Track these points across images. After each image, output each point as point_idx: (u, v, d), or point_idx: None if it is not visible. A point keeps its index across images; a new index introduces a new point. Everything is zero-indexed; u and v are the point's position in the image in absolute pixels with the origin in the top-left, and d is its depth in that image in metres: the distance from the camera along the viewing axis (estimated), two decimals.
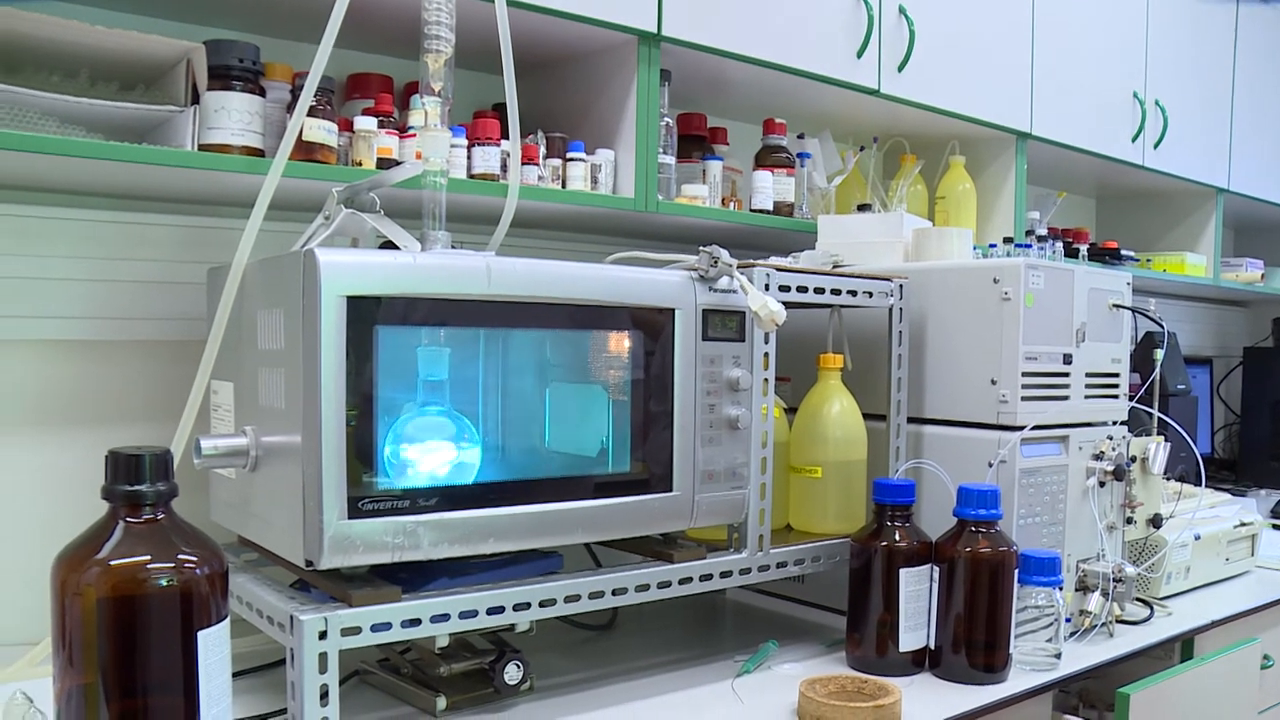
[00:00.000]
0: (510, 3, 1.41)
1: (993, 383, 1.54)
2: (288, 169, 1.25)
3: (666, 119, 1.72)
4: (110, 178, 1.33)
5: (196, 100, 1.31)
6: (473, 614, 1.18)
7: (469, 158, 1.51)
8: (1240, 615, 1.82)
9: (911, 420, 1.63)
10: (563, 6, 1.49)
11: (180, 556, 0.90)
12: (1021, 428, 1.52)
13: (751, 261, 1.43)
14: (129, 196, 1.48)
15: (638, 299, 1.29)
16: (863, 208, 2.00)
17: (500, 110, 1.59)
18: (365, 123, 1.42)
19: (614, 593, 1.29)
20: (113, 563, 0.88)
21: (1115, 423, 1.70)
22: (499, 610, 1.20)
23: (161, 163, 1.24)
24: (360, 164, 1.41)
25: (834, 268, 1.64)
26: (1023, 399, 1.53)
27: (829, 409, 1.57)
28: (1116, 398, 1.70)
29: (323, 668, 1.08)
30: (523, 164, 1.55)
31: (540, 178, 1.58)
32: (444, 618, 1.16)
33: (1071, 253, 2.47)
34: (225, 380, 1.30)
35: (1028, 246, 1.96)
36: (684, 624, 1.71)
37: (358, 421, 1.08)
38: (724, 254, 1.34)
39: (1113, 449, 1.66)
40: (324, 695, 1.08)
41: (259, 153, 1.33)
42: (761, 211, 1.89)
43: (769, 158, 1.93)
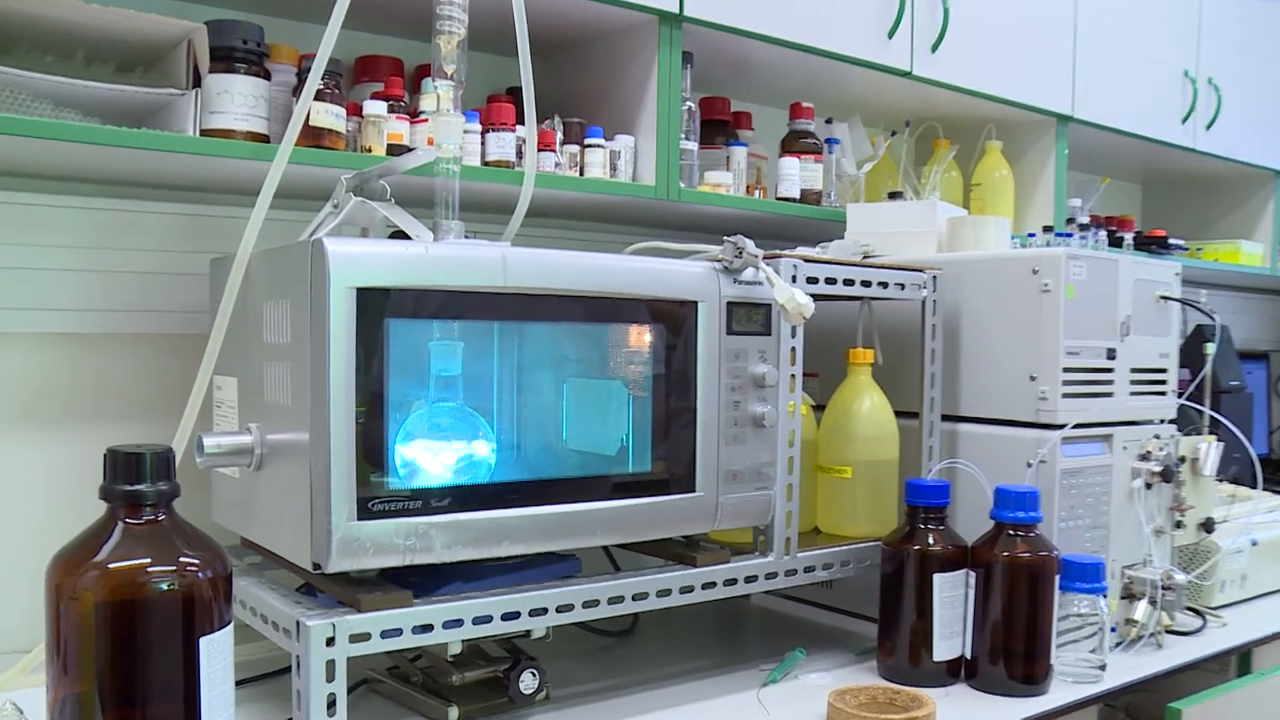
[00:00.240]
0: None
1: (1031, 379, 1.53)
2: (294, 155, 1.25)
3: (689, 103, 1.71)
4: (108, 164, 1.33)
5: (198, 83, 1.31)
6: (487, 619, 1.18)
7: (483, 144, 1.51)
8: None
9: (945, 418, 1.62)
10: None
11: (182, 559, 0.91)
12: (1062, 426, 1.51)
13: (778, 252, 1.43)
14: (128, 183, 1.48)
15: (659, 291, 1.28)
16: (894, 195, 1.98)
17: (515, 94, 1.59)
18: (375, 107, 1.42)
19: (634, 598, 1.29)
20: (111, 565, 0.88)
21: (1163, 421, 1.69)
22: (514, 616, 1.20)
23: (162, 148, 1.24)
24: (370, 150, 1.41)
25: (864, 258, 1.63)
26: (1063, 396, 1.52)
27: (859, 406, 1.56)
28: (1164, 394, 1.69)
29: (330, 676, 1.08)
30: (539, 150, 1.55)
31: (557, 165, 1.58)
32: (457, 623, 1.16)
33: (1115, 242, 2.45)
34: (229, 375, 1.30)
35: (1069, 236, 1.94)
36: (707, 631, 1.71)
37: (367, 418, 1.08)
38: (749, 244, 1.33)
39: (1160, 449, 1.65)
40: (331, 705, 1.08)
41: (264, 138, 1.33)
42: (788, 200, 1.88)
43: (796, 143, 1.92)
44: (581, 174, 1.62)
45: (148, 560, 0.89)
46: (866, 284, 1.51)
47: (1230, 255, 2.79)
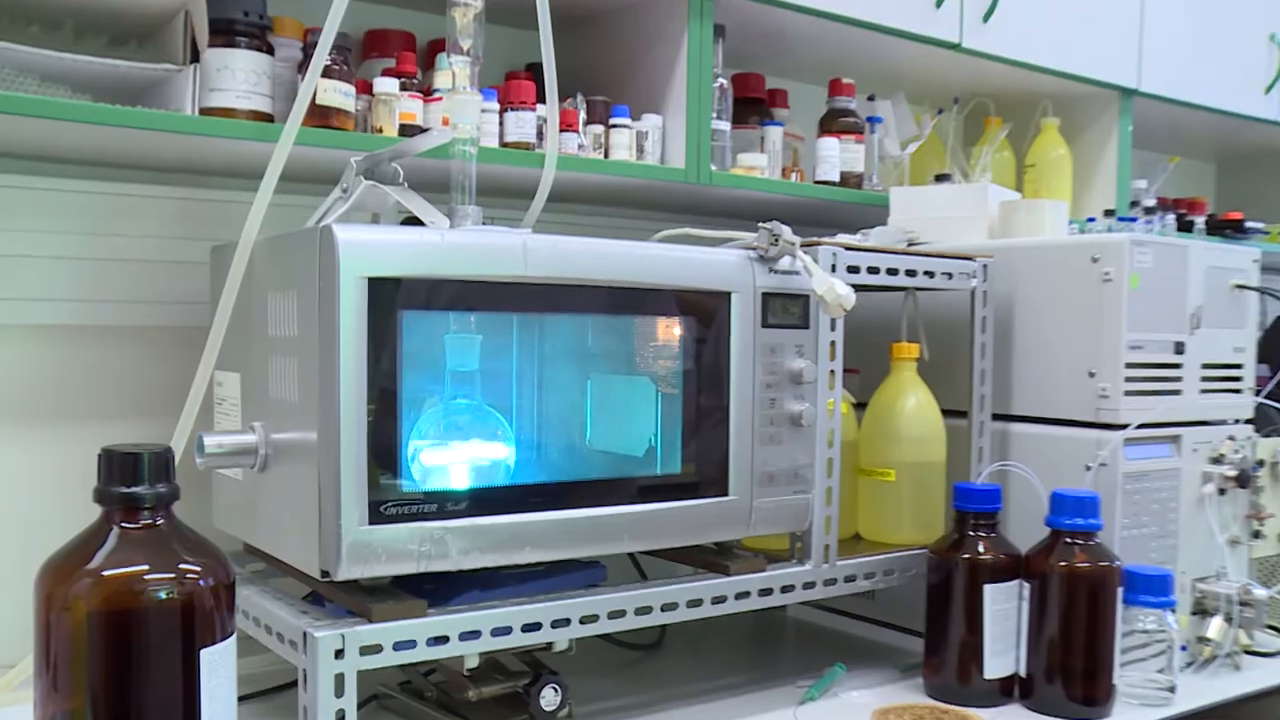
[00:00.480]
0: None
1: (1091, 375, 1.52)
2: (300, 136, 1.25)
3: (720, 80, 1.71)
4: (100, 144, 1.34)
5: (196, 58, 1.31)
6: (506, 631, 1.18)
7: (501, 124, 1.51)
8: None
9: (997, 417, 1.61)
10: None
11: (181, 566, 0.91)
12: (1125, 426, 1.50)
13: (816, 239, 1.42)
14: (122, 165, 1.48)
15: (689, 281, 1.28)
16: (941, 178, 1.97)
17: (536, 71, 1.59)
18: (386, 85, 1.42)
19: (663, 608, 1.29)
20: (106, 573, 0.88)
21: (1238, 421, 1.67)
22: (535, 627, 1.20)
23: (158, 128, 1.25)
24: (381, 131, 1.41)
25: (909, 246, 1.63)
26: (1126, 393, 1.50)
27: (903, 404, 1.55)
28: (1240, 392, 1.67)
29: (339, 690, 1.08)
30: (561, 131, 1.54)
31: (580, 146, 1.58)
32: (474, 635, 1.16)
33: (1185, 226, 2.42)
34: (231, 371, 1.30)
35: (1133, 220, 1.93)
36: (740, 644, 1.70)
37: (379, 417, 1.08)
38: (785, 231, 1.33)
39: (1235, 451, 1.63)
40: None
41: (267, 118, 1.34)
42: (827, 183, 1.87)
43: (835, 123, 1.92)
44: (606, 156, 1.61)
45: (145, 567, 0.89)
46: (911, 273, 1.50)
47: None
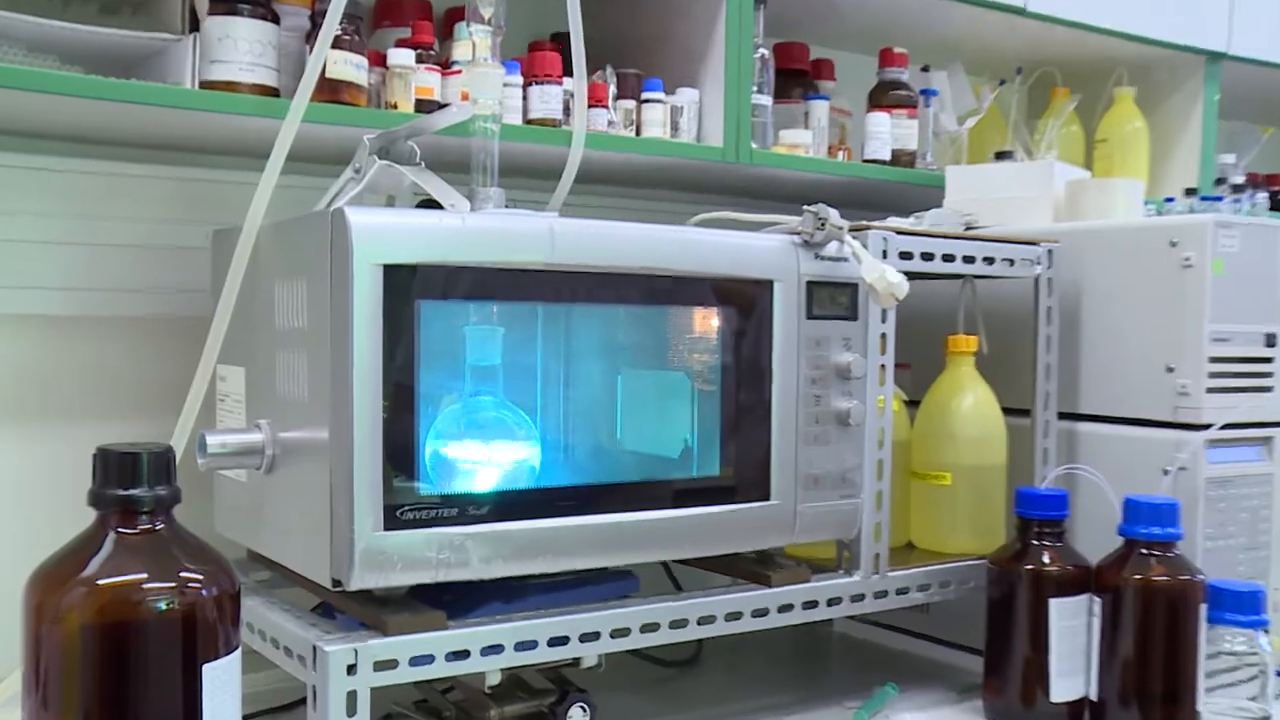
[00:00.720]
0: None
1: (1169, 370, 1.51)
2: (309, 112, 1.25)
3: (762, 50, 1.70)
4: (92, 120, 1.34)
5: (196, 27, 1.31)
6: (531, 645, 1.18)
7: (525, 99, 1.51)
8: None
9: (1063, 416, 1.60)
10: None
11: (183, 574, 0.91)
12: (1207, 426, 1.48)
13: (866, 223, 1.42)
14: (115, 143, 1.49)
15: (728, 268, 1.28)
16: (1002, 155, 1.96)
17: (562, 41, 1.58)
18: (401, 56, 1.42)
19: (699, 621, 1.28)
20: (101, 582, 0.88)
21: None
22: (562, 641, 1.20)
23: (154, 102, 1.25)
24: (395, 106, 1.41)
25: (966, 229, 1.62)
26: (1209, 390, 1.49)
27: (960, 402, 1.55)
28: None
29: (351, 709, 1.09)
30: (589, 107, 1.54)
31: (610, 123, 1.58)
32: (497, 649, 1.16)
33: (1278, 205, 2.39)
34: (235, 365, 1.31)
35: (1218, 200, 1.91)
36: (782, 661, 1.70)
37: (395, 414, 1.08)
38: (832, 214, 1.33)
39: None
40: None
41: (273, 92, 1.34)
42: (877, 162, 1.87)
43: (886, 96, 1.91)
44: (638, 133, 1.61)
45: (143, 576, 0.89)
46: (969, 259, 1.49)
47: None
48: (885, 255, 1.40)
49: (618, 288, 1.22)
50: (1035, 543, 1.41)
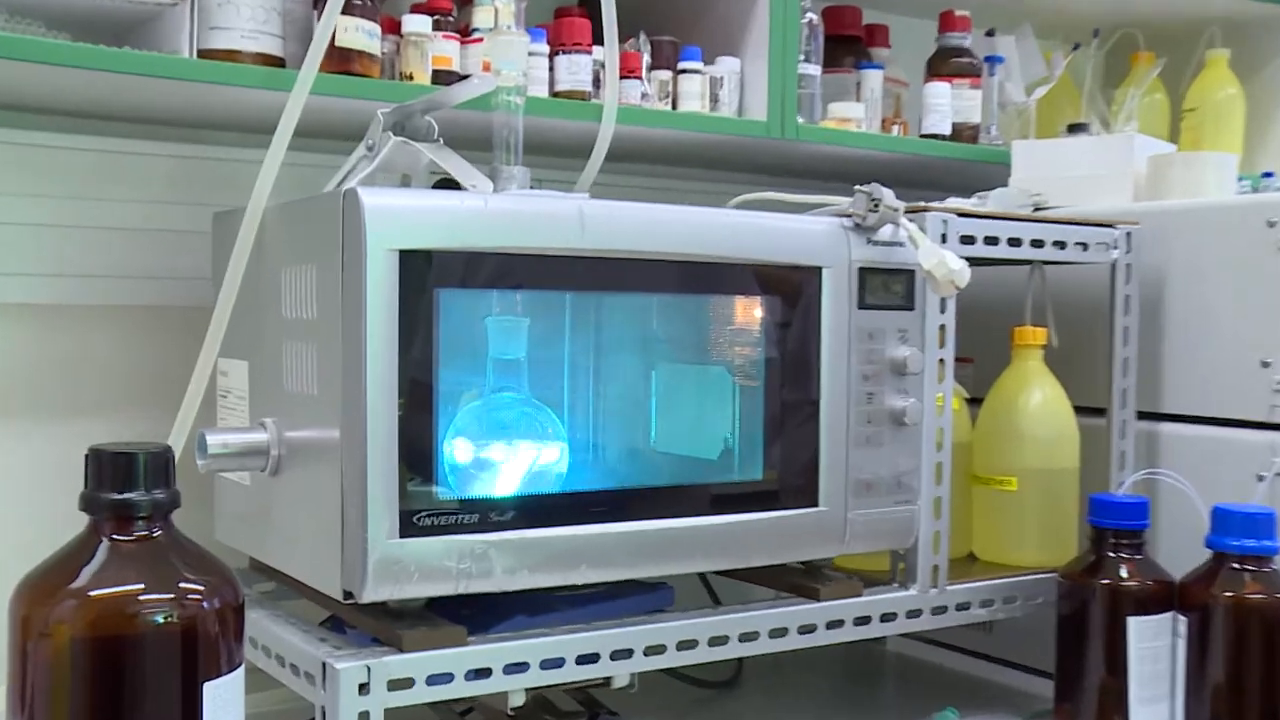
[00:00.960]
0: None
1: (1264, 365, 1.50)
2: (317, 84, 1.26)
3: (810, 15, 1.70)
4: (81, 92, 1.35)
5: None
6: (558, 663, 1.18)
7: (551, 70, 1.52)
8: None
9: (1142, 416, 1.60)
10: None
11: (182, 585, 0.91)
12: None
13: (924, 205, 1.41)
14: (107, 117, 1.50)
15: (772, 254, 1.28)
16: (1075, 128, 1.95)
17: (591, 7, 1.58)
18: (417, 23, 1.42)
19: (741, 638, 1.28)
20: (93, 593, 0.88)
21: None
22: (592, 659, 1.20)
23: (149, 73, 1.25)
24: (411, 78, 1.42)
25: (1035, 211, 1.62)
26: None
27: (1027, 400, 1.54)
28: None
29: None
30: (621, 78, 1.54)
31: (644, 96, 1.58)
32: (521, 667, 1.16)
33: None
34: (238, 358, 1.32)
35: None
36: (830, 682, 1.70)
37: (411, 412, 1.09)
38: (887, 194, 1.33)
39: None
40: None
41: (279, 62, 1.35)
42: (936, 137, 1.86)
43: (946, 64, 1.90)
44: (674, 107, 1.61)
45: (140, 586, 0.89)
46: (1038, 244, 1.49)
47: None
48: (945, 239, 1.40)
49: (652, 275, 1.22)
50: (1111, 555, 1.40)
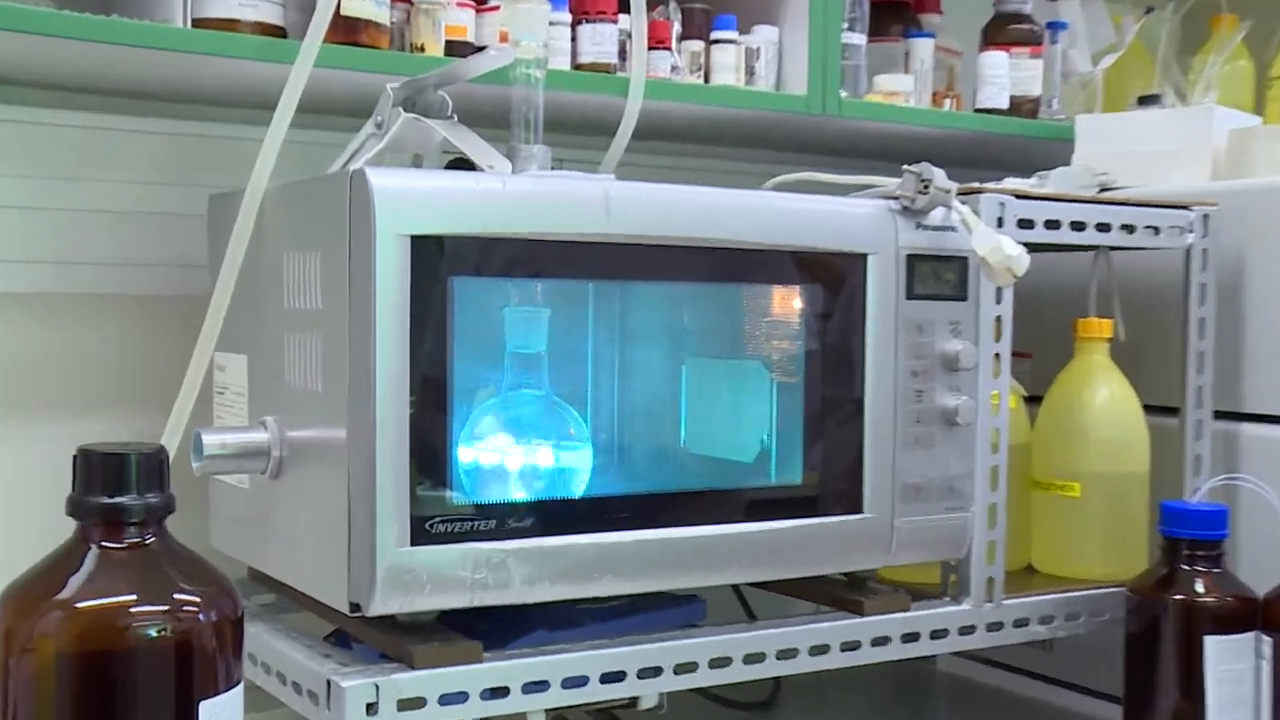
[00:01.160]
0: None
1: None
2: (321, 55, 1.26)
3: None
4: (66, 64, 1.35)
5: None
6: (581, 681, 1.18)
7: (574, 41, 1.51)
8: None
9: (1219, 415, 1.59)
10: None
11: (177, 596, 0.91)
12: None
13: (978, 186, 1.41)
14: (94, 91, 1.50)
15: (813, 240, 1.28)
16: (1147, 100, 1.94)
17: None
18: None
19: (779, 656, 1.28)
20: (81, 604, 0.88)
21: None
22: (617, 677, 1.20)
23: (139, 43, 1.26)
24: (423, 49, 1.42)
25: (1101, 191, 1.61)
26: None
27: (1091, 397, 1.54)
28: None
29: None
30: (649, 49, 1.54)
31: (674, 68, 1.58)
32: (541, 686, 1.16)
33: None
34: (236, 352, 1.32)
35: None
36: (875, 704, 1.70)
37: (424, 410, 1.09)
38: (938, 174, 1.32)
39: None
40: None
41: (279, 32, 1.35)
42: (992, 111, 1.86)
43: (1004, 31, 1.90)
44: (707, 80, 1.61)
45: (131, 597, 0.89)
46: (1104, 227, 1.48)
47: None
48: (1001, 223, 1.40)
49: (682, 262, 1.22)
50: (1186, 568, 1.40)
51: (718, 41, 1.61)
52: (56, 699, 0.87)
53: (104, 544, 0.91)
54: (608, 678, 1.20)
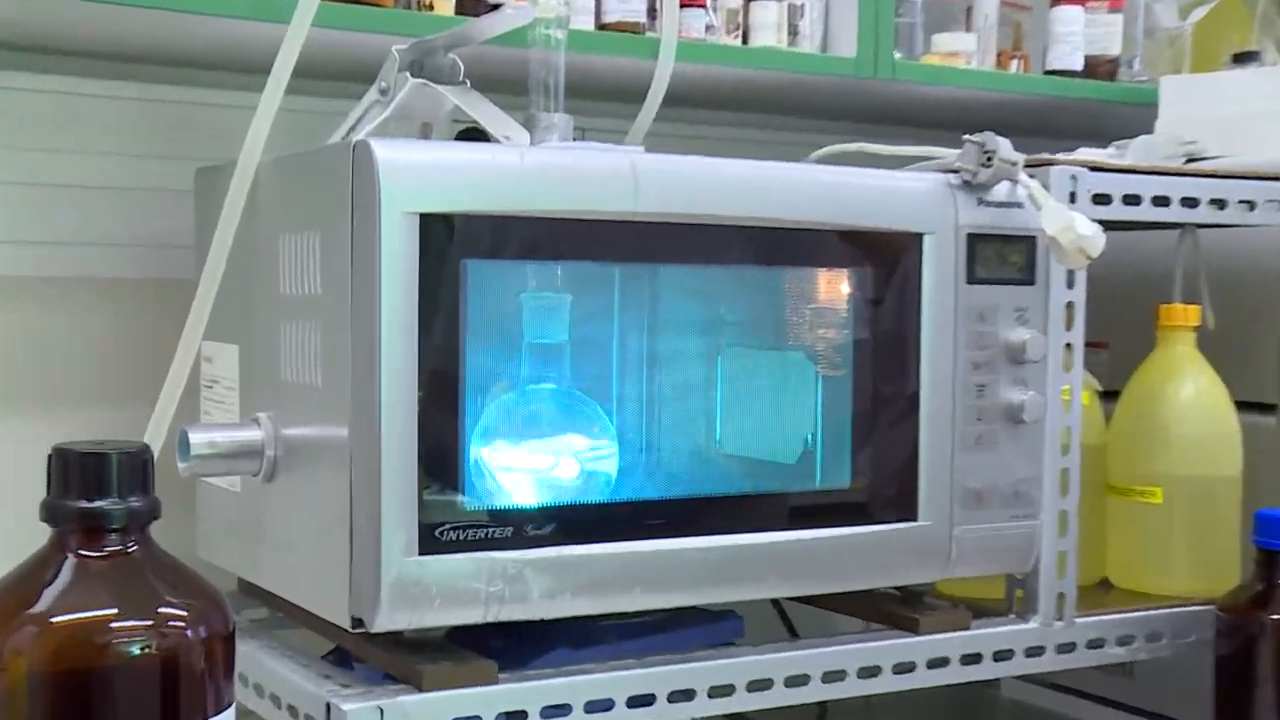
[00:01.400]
0: None
1: None
2: (320, 14, 1.26)
3: None
4: (37, 21, 1.36)
5: None
6: (606, 705, 1.19)
7: None
8: None
9: None
10: None
11: (162, 610, 0.90)
12: None
13: (1048, 157, 1.41)
14: (68, 52, 1.51)
15: (863, 218, 1.28)
16: (1243, 58, 1.93)
17: None
18: None
19: (824, 678, 1.29)
20: (57, 619, 0.88)
21: None
22: (647, 701, 1.21)
23: (121, 1, 1.27)
24: (432, 8, 1.42)
25: (1187, 162, 1.61)
26: None
27: (1175, 392, 1.54)
28: None
29: None
30: (682, 6, 1.54)
31: (709, 28, 1.58)
32: (562, 710, 1.17)
33: None
34: (226, 342, 1.33)
35: None
36: None
37: (433, 406, 1.09)
38: (1003, 145, 1.32)
39: None
40: None
41: None
42: (1065, 73, 1.86)
43: None
44: (745, 41, 1.62)
45: (112, 611, 0.88)
46: (1191, 203, 1.48)
47: None
48: (1074, 199, 1.40)
49: (718, 243, 1.22)
50: None
51: None
52: (31, 719, 0.87)
53: (82, 552, 0.90)
54: (635, 701, 1.20)
